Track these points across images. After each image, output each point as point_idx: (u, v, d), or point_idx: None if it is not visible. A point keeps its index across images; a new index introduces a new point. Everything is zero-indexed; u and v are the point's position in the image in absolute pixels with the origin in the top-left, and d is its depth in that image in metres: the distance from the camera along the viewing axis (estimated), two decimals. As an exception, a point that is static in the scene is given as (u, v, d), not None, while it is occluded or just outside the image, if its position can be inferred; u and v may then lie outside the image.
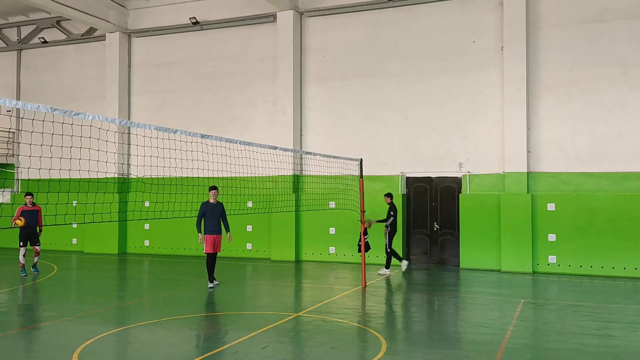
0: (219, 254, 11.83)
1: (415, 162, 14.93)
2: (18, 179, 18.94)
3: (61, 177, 7.70)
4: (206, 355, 6.65)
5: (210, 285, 11.43)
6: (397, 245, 14.68)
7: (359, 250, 12.17)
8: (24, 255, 12.76)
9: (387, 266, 13.29)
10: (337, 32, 15.81)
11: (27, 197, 12.70)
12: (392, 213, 13.15)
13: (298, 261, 15.56)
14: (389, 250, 13.23)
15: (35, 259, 12.99)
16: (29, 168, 7.55)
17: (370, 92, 15.40)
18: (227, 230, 11.50)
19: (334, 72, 15.81)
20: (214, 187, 11.46)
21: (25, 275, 12.69)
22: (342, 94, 15.69)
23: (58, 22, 19.31)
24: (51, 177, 7.52)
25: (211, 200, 11.42)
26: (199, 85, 17.43)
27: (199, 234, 11.30)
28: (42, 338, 7.77)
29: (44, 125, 6.57)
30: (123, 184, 17.53)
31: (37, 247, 12.90)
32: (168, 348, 6.86)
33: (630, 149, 13.04)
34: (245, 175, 11.59)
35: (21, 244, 12.73)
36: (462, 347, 7.26)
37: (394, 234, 13.30)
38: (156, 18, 18.01)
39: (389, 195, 13.37)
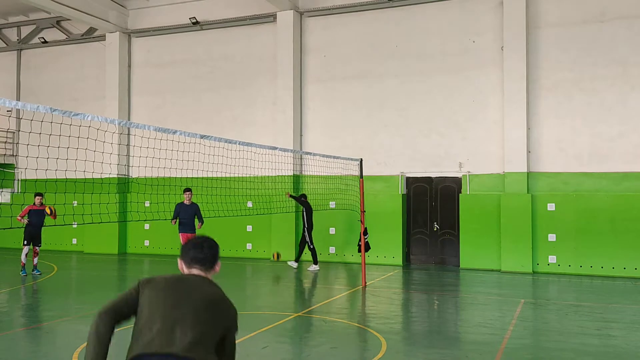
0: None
1: (415, 162, 14.93)
2: (18, 180, 18.94)
3: (60, 178, 7.69)
4: (206, 355, 6.64)
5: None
6: (397, 245, 14.69)
7: (359, 250, 12.19)
8: (26, 255, 12.78)
9: (315, 262, 14.00)
10: (337, 32, 15.81)
11: (37, 197, 12.64)
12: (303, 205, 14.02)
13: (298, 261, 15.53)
14: (311, 247, 13.97)
15: (35, 259, 12.97)
16: (28, 168, 7.53)
17: (370, 92, 15.39)
18: (200, 223, 12.44)
19: (334, 72, 15.80)
20: (187, 190, 12.49)
21: (25, 275, 12.68)
22: (342, 94, 15.68)
23: (58, 22, 19.30)
24: (50, 178, 7.52)
25: (185, 202, 12.50)
26: (199, 85, 17.43)
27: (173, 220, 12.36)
28: (42, 338, 7.77)
29: (42, 125, 6.57)
30: (123, 184, 17.52)
31: (37, 248, 12.90)
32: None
33: (630, 149, 13.03)
34: (245, 175, 11.58)
35: (25, 242, 12.72)
36: (462, 347, 7.26)
37: (311, 230, 13.98)
38: (156, 18, 18.00)
39: (303, 195, 14.14)
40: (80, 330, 8.04)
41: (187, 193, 12.58)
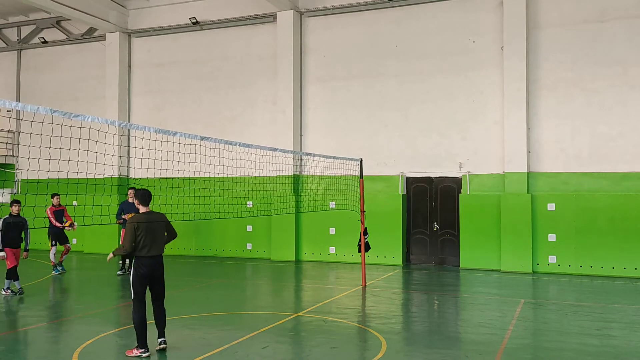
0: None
1: (415, 162, 14.93)
2: (18, 180, 18.94)
3: (60, 178, 7.70)
4: (206, 355, 6.66)
5: (120, 272, 13.13)
6: (397, 245, 14.69)
7: (359, 250, 12.19)
8: (54, 254, 13.25)
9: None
10: (337, 32, 15.81)
11: (54, 197, 13.02)
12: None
13: (298, 261, 15.56)
14: None
15: (64, 256, 13.53)
16: (29, 169, 7.54)
17: (370, 92, 15.39)
18: None
19: (334, 71, 15.80)
20: (132, 188, 12.97)
21: (59, 273, 13.19)
22: (342, 94, 15.69)
23: (58, 22, 19.31)
24: (51, 178, 7.52)
25: (129, 199, 13.01)
26: (199, 85, 17.44)
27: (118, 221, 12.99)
28: (42, 338, 7.78)
29: (43, 126, 6.57)
30: (123, 186, 17.52)
31: (68, 245, 13.48)
32: (168, 348, 6.87)
33: (630, 149, 13.04)
34: (245, 175, 11.58)
35: (53, 243, 13.22)
36: (462, 347, 7.27)
37: None
38: (156, 18, 18.01)
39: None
40: (80, 330, 8.06)
41: (132, 191, 12.96)
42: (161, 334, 6.84)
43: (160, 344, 6.78)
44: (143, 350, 6.55)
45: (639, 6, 13.06)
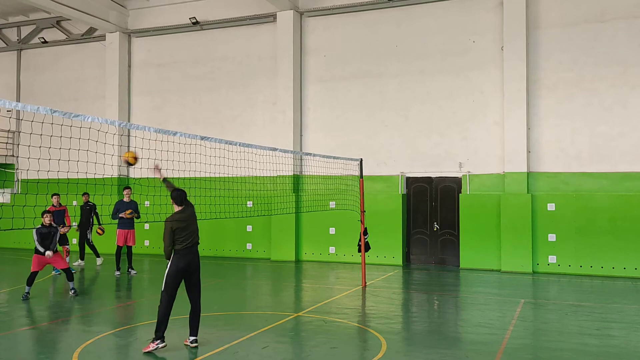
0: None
1: (415, 162, 14.93)
2: (18, 180, 18.94)
3: (60, 178, 7.70)
4: (206, 355, 6.66)
5: (117, 273, 13.32)
6: (397, 245, 14.70)
7: (359, 250, 12.19)
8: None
9: (97, 255, 15.06)
10: (337, 32, 15.81)
11: (54, 197, 13.21)
12: (87, 208, 14.48)
13: (298, 261, 15.56)
14: (91, 244, 14.88)
15: (67, 258, 13.36)
16: (29, 170, 7.54)
17: (370, 92, 15.40)
18: (138, 217, 13.37)
19: (334, 71, 15.80)
20: (127, 187, 13.35)
21: (59, 274, 13.07)
22: (342, 94, 15.69)
23: (58, 22, 19.31)
24: (51, 178, 7.53)
25: (125, 199, 13.31)
26: (199, 85, 17.44)
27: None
28: (42, 338, 7.78)
29: (43, 126, 6.57)
30: (123, 185, 17.51)
31: (67, 247, 13.42)
32: (168, 348, 6.87)
33: (630, 149, 13.04)
34: (245, 175, 11.58)
35: None
36: (462, 347, 7.27)
37: (86, 229, 14.61)
38: (156, 18, 18.01)
39: (85, 194, 14.43)
40: (80, 330, 8.06)
41: (127, 191, 13.21)
42: (193, 332, 6.98)
43: (192, 342, 6.93)
44: (159, 341, 6.74)
45: (639, 6, 13.06)
